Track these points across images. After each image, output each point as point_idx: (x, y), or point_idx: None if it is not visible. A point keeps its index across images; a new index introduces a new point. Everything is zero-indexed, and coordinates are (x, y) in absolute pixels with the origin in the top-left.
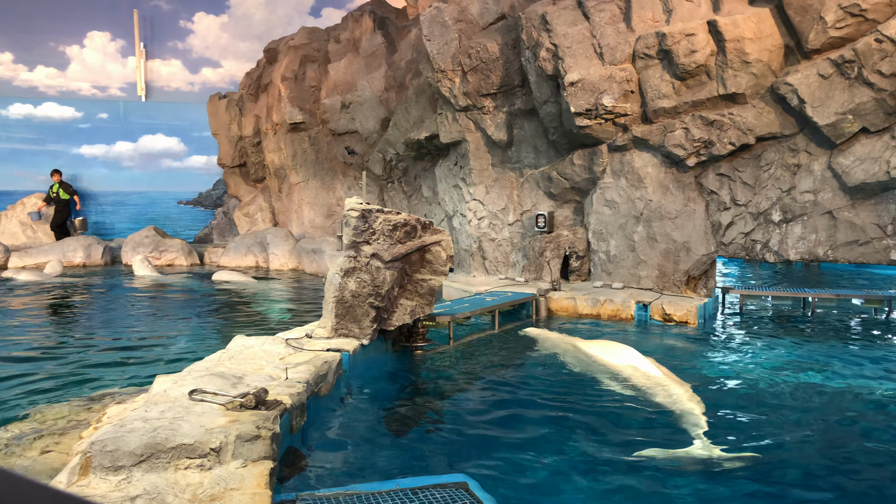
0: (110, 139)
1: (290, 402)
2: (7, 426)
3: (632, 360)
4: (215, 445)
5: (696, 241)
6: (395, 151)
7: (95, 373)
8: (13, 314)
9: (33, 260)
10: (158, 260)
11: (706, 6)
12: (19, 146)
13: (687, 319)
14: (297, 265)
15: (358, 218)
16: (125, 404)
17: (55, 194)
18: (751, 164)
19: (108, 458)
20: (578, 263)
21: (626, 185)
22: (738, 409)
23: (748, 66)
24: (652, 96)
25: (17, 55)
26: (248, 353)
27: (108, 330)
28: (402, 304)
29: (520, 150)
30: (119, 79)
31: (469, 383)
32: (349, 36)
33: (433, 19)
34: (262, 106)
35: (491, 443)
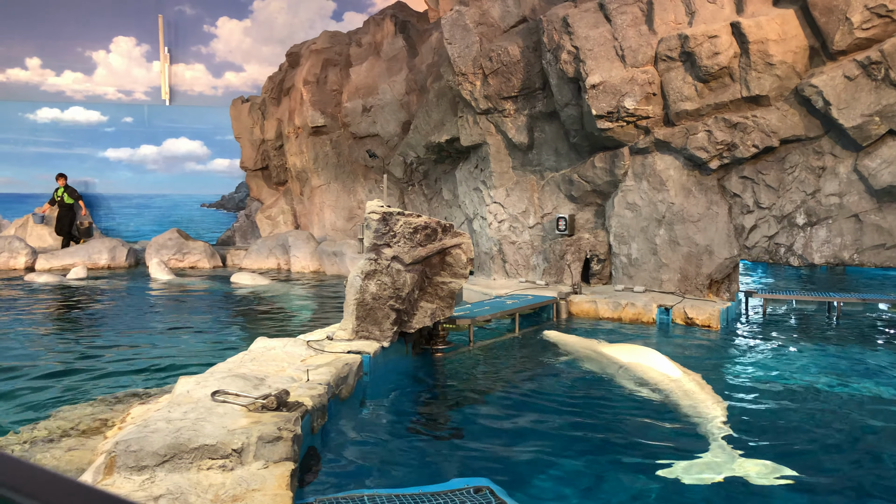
0: (135, 143)
1: (311, 404)
2: (35, 425)
3: (656, 363)
4: (237, 446)
5: (719, 244)
6: (416, 154)
7: (117, 373)
8: (35, 316)
9: (60, 262)
10: (182, 262)
11: (729, 8)
12: (47, 150)
13: (709, 323)
14: (318, 267)
15: (379, 221)
16: (149, 405)
17: (59, 198)
18: (774, 167)
19: (133, 458)
20: (599, 267)
21: (648, 187)
22: (761, 415)
23: (772, 68)
24: (674, 98)
25: (45, 60)
26: (269, 354)
27: (129, 331)
28: (422, 306)
29: (541, 153)
30: (144, 83)
31: (489, 386)
32: (371, 40)
33: (454, 23)
34: (285, 109)
35: (512, 447)
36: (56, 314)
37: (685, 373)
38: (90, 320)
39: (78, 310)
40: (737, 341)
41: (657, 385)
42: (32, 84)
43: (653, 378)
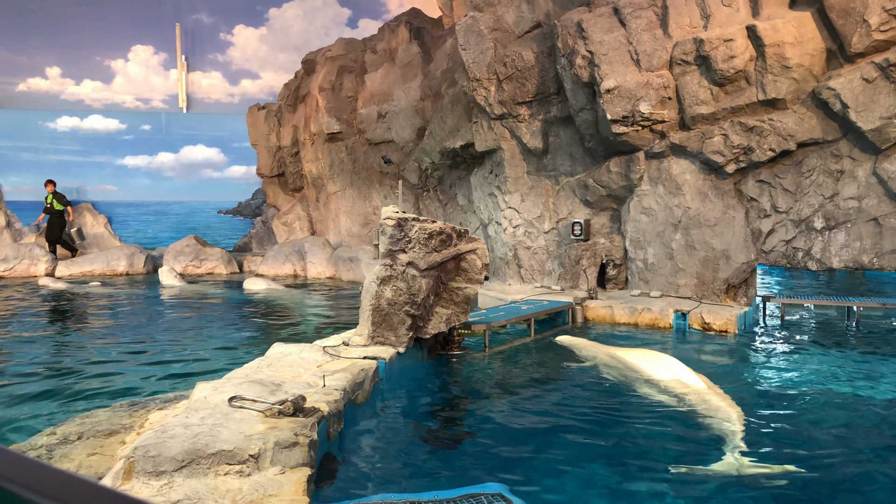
0: (153, 150)
1: (327, 410)
2: (54, 429)
3: (672, 369)
4: (254, 452)
5: (736, 248)
6: (431, 160)
7: (134, 378)
8: (48, 321)
9: (79, 269)
10: (199, 269)
11: (745, 11)
12: (66, 157)
13: (727, 328)
14: (334, 273)
15: (394, 226)
16: (167, 410)
17: (49, 205)
18: (792, 171)
19: (151, 464)
20: (615, 272)
21: (664, 192)
22: (780, 422)
23: (789, 71)
24: (690, 102)
25: (65, 69)
26: (286, 360)
27: (144, 337)
28: (437, 312)
29: (555, 158)
30: (161, 91)
31: (505, 392)
32: (385, 46)
33: (469, 28)
34: (301, 116)
35: (528, 453)
36: (71, 320)
37: (700, 378)
38: (105, 326)
39: (92, 316)
40: (755, 347)
41: (673, 390)
42: (52, 93)
43: (669, 383)
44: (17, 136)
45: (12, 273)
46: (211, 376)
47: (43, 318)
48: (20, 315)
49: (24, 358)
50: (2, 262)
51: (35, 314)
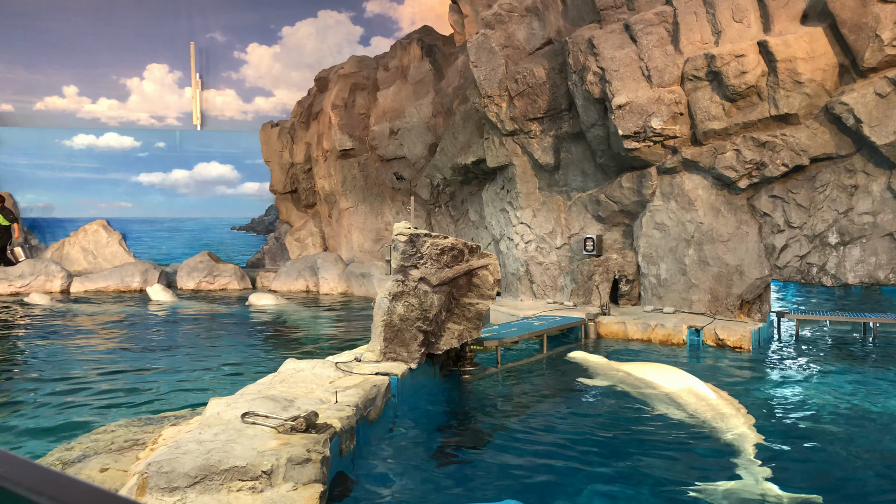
0: (167, 167)
1: (339, 426)
2: (69, 444)
3: (688, 384)
4: (267, 468)
5: (750, 264)
6: (443, 176)
7: (145, 394)
8: (60, 335)
9: (94, 284)
10: (212, 284)
11: (756, 27)
12: (82, 175)
13: (741, 345)
14: (346, 289)
15: (406, 242)
16: (180, 426)
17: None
18: (805, 186)
19: (164, 479)
20: (628, 287)
21: (677, 207)
22: (795, 440)
23: (801, 87)
24: (701, 118)
25: (81, 88)
26: (298, 376)
27: (146, 352)
28: (449, 328)
29: (567, 174)
30: (176, 109)
31: (518, 409)
32: (398, 63)
33: (480, 46)
34: (313, 133)
35: (541, 470)
36: (83, 335)
37: (716, 393)
38: (111, 341)
39: (106, 331)
40: (769, 363)
41: (688, 406)
42: (69, 111)
43: (683, 399)
44: (34, 154)
45: (28, 289)
46: (223, 391)
47: (52, 333)
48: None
49: (29, 372)
50: (18, 279)
51: (45, 329)
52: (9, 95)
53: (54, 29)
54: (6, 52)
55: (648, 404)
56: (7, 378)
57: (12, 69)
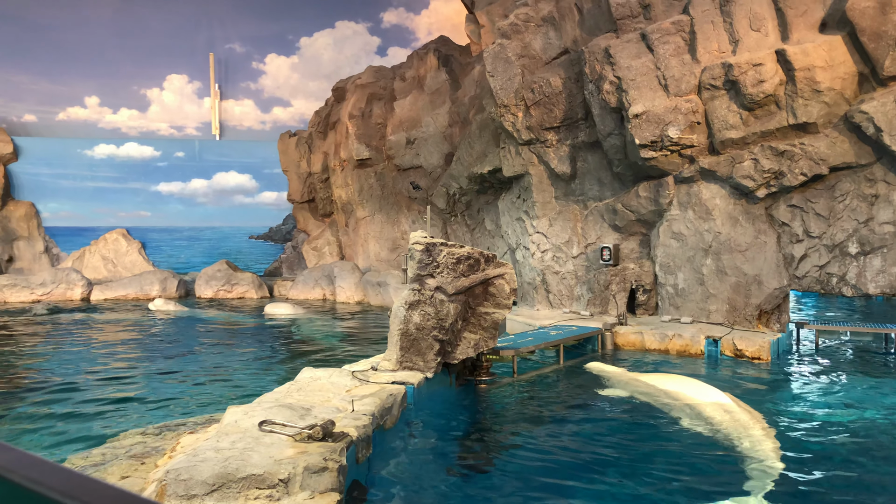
0: (186, 176)
1: (356, 435)
2: (89, 451)
3: (711, 396)
4: (284, 476)
5: (768, 274)
6: (459, 185)
7: (165, 401)
8: (74, 343)
9: (114, 293)
10: (230, 293)
11: (774, 36)
12: (103, 184)
13: (759, 355)
14: (362, 298)
15: (422, 251)
16: (198, 434)
17: None
18: (824, 195)
19: (182, 487)
20: (645, 297)
21: (694, 217)
22: (815, 452)
23: (820, 95)
24: (719, 127)
25: (103, 98)
26: (315, 384)
27: (164, 360)
28: (465, 337)
29: (583, 183)
30: (195, 119)
31: (534, 419)
32: (414, 74)
33: (496, 55)
34: (331, 143)
35: (558, 480)
36: (99, 343)
37: (737, 404)
38: (130, 349)
39: (124, 340)
40: (789, 374)
41: (710, 418)
42: (91, 121)
43: (706, 411)
44: (56, 164)
45: (50, 297)
46: (238, 399)
47: (77, 341)
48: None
49: (49, 380)
50: (39, 287)
51: (70, 337)
52: (32, 106)
53: (77, 41)
54: (31, 64)
55: (669, 415)
56: (26, 386)
57: (36, 81)
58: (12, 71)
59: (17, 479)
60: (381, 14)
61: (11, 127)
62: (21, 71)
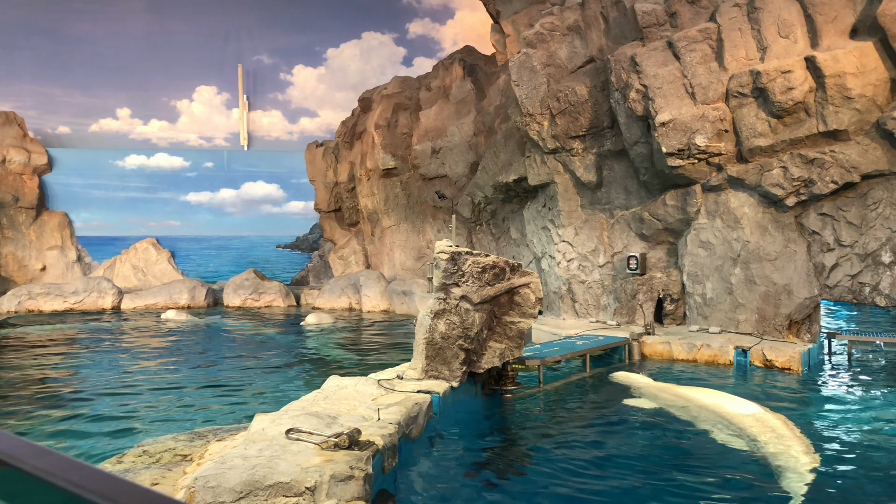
0: (215, 186)
1: (382, 443)
2: (121, 457)
3: (749, 410)
4: (310, 484)
5: (798, 283)
6: (484, 194)
7: (190, 409)
8: (101, 351)
9: (143, 301)
10: (257, 301)
11: (803, 42)
12: (134, 194)
13: (790, 366)
14: (388, 307)
15: (448, 260)
16: (226, 441)
17: None
18: (856, 203)
19: (210, 494)
20: (673, 307)
21: (722, 225)
22: (850, 466)
23: (850, 102)
24: (747, 135)
25: (134, 110)
26: (341, 393)
27: (193, 368)
28: (491, 346)
29: (610, 191)
30: (224, 129)
31: (560, 429)
32: (440, 84)
33: (522, 65)
34: (357, 153)
35: (585, 491)
36: (123, 351)
37: (772, 415)
38: (158, 357)
39: (152, 347)
40: (821, 385)
41: (741, 429)
42: (122, 133)
43: (735, 420)
44: (88, 175)
45: (81, 305)
46: (268, 407)
47: (107, 348)
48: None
49: (78, 387)
50: (72, 295)
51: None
52: (66, 118)
53: (110, 54)
54: (65, 77)
55: (699, 427)
56: (57, 393)
57: (70, 93)
58: (47, 84)
59: (59, 482)
60: (407, 25)
61: (46, 139)
62: (55, 84)
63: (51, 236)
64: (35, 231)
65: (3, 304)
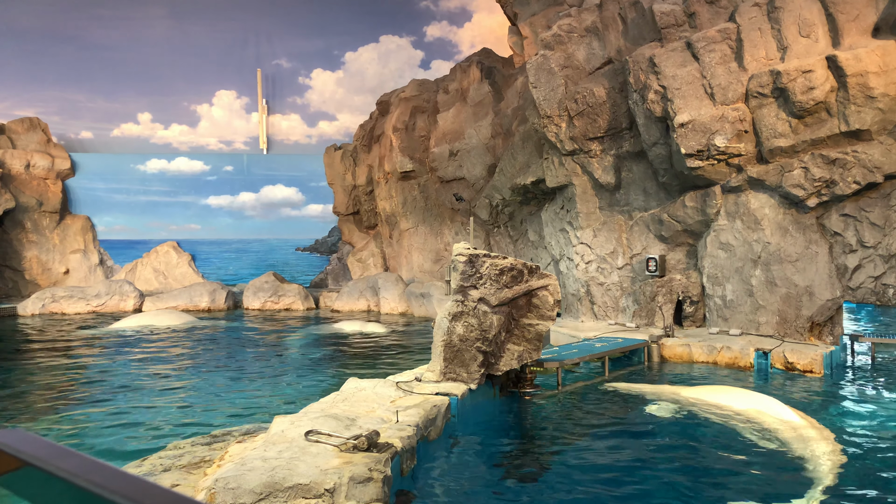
0: (235, 190)
1: (400, 445)
2: (143, 460)
3: (762, 405)
4: (329, 486)
5: (820, 285)
6: (502, 196)
7: (209, 412)
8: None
9: (164, 304)
10: (277, 304)
11: (824, 41)
12: (155, 198)
13: (812, 368)
14: (406, 309)
15: (465, 262)
16: (246, 443)
17: None
18: (879, 204)
19: (231, 496)
20: (692, 309)
21: (742, 227)
22: (875, 469)
23: (873, 101)
24: (767, 135)
25: (155, 115)
26: (360, 395)
27: (213, 371)
28: (509, 348)
29: (628, 193)
30: (243, 133)
31: (579, 431)
32: (457, 86)
33: (539, 67)
34: (375, 156)
35: (605, 493)
36: (150, 354)
37: (788, 410)
38: (178, 359)
39: (172, 350)
40: (844, 388)
41: (760, 425)
42: (143, 137)
43: (753, 417)
44: (111, 179)
45: (104, 308)
46: (286, 409)
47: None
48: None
49: (98, 390)
50: (94, 298)
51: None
52: (89, 123)
53: (131, 60)
54: (88, 83)
55: (717, 424)
56: (77, 395)
57: (93, 98)
58: (70, 90)
59: (82, 483)
60: (425, 28)
61: (69, 143)
62: (78, 90)
63: (74, 240)
64: (58, 235)
65: (28, 307)
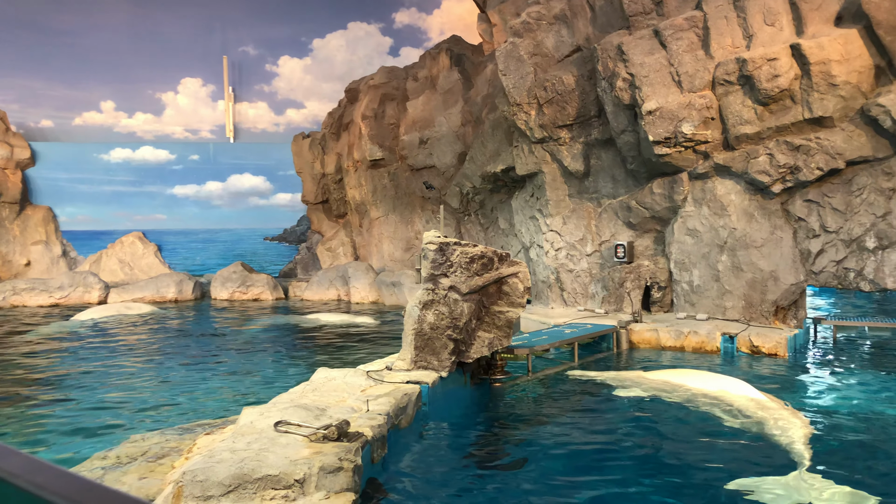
0: (201, 179)
1: (371, 434)
2: (107, 452)
3: (724, 385)
4: (299, 477)
5: (784, 269)
6: (472, 185)
7: (178, 404)
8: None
9: (130, 295)
10: (245, 294)
11: (789, 30)
12: (119, 188)
13: (776, 351)
14: (377, 298)
15: (436, 251)
16: (214, 435)
17: None
18: (841, 190)
19: (199, 488)
20: (660, 294)
21: (709, 213)
22: (838, 445)
23: (835, 89)
24: (733, 122)
25: (118, 103)
26: (330, 385)
27: (180, 363)
28: (479, 336)
29: (597, 180)
30: (209, 122)
31: (549, 417)
32: (427, 74)
33: (509, 54)
34: (344, 144)
35: (575, 478)
36: (117, 346)
37: (751, 388)
38: (144, 352)
39: (138, 342)
40: (807, 370)
41: (727, 405)
42: (106, 126)
43: (716, 396)
44: (73, 168)
45: (67, 300)
46: (255, 400)
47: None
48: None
49: (64, 383)
50: (58, 290)
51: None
52: (49, 111)
53: (92, 46)
54: (47, 70)
55: (684, 406)
56: (44, 389)
57: (52, 86)
58: (29, 77)
59: (22, 483)
60: (393, 14)
61: (29, 132)
62: (38, 77)
63: (35, 231)
64: (19, 226)
65: None
